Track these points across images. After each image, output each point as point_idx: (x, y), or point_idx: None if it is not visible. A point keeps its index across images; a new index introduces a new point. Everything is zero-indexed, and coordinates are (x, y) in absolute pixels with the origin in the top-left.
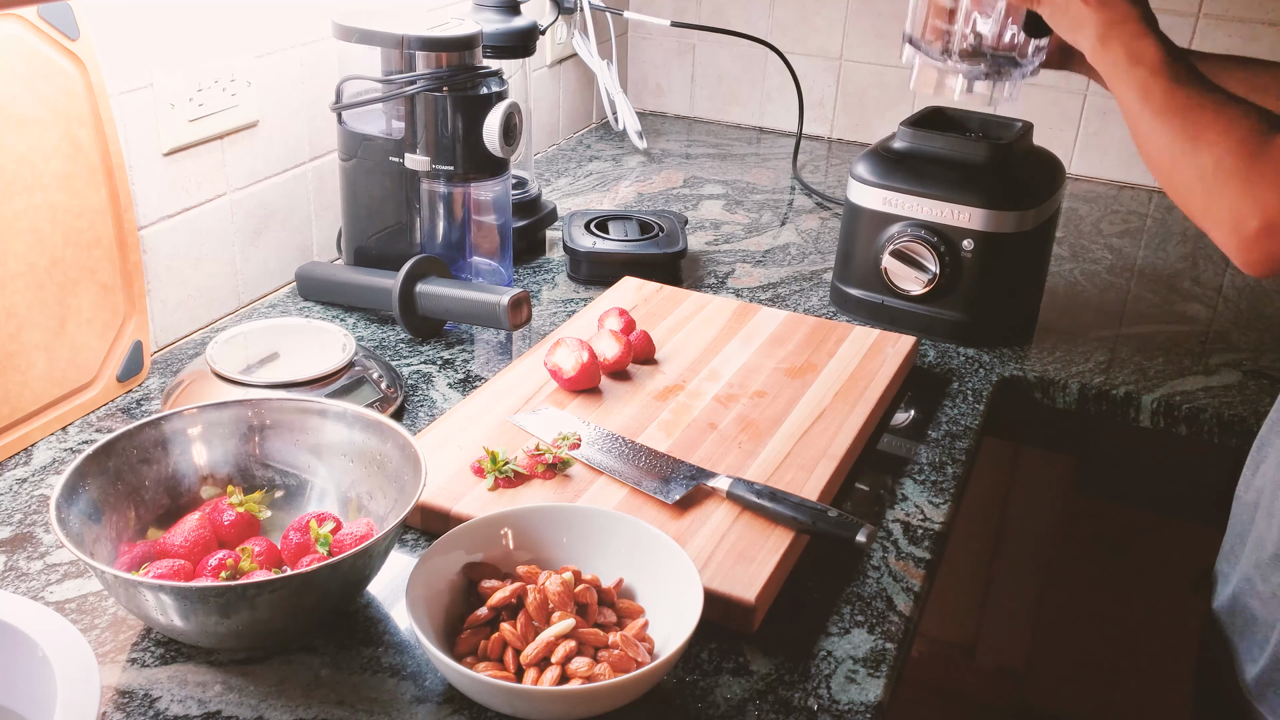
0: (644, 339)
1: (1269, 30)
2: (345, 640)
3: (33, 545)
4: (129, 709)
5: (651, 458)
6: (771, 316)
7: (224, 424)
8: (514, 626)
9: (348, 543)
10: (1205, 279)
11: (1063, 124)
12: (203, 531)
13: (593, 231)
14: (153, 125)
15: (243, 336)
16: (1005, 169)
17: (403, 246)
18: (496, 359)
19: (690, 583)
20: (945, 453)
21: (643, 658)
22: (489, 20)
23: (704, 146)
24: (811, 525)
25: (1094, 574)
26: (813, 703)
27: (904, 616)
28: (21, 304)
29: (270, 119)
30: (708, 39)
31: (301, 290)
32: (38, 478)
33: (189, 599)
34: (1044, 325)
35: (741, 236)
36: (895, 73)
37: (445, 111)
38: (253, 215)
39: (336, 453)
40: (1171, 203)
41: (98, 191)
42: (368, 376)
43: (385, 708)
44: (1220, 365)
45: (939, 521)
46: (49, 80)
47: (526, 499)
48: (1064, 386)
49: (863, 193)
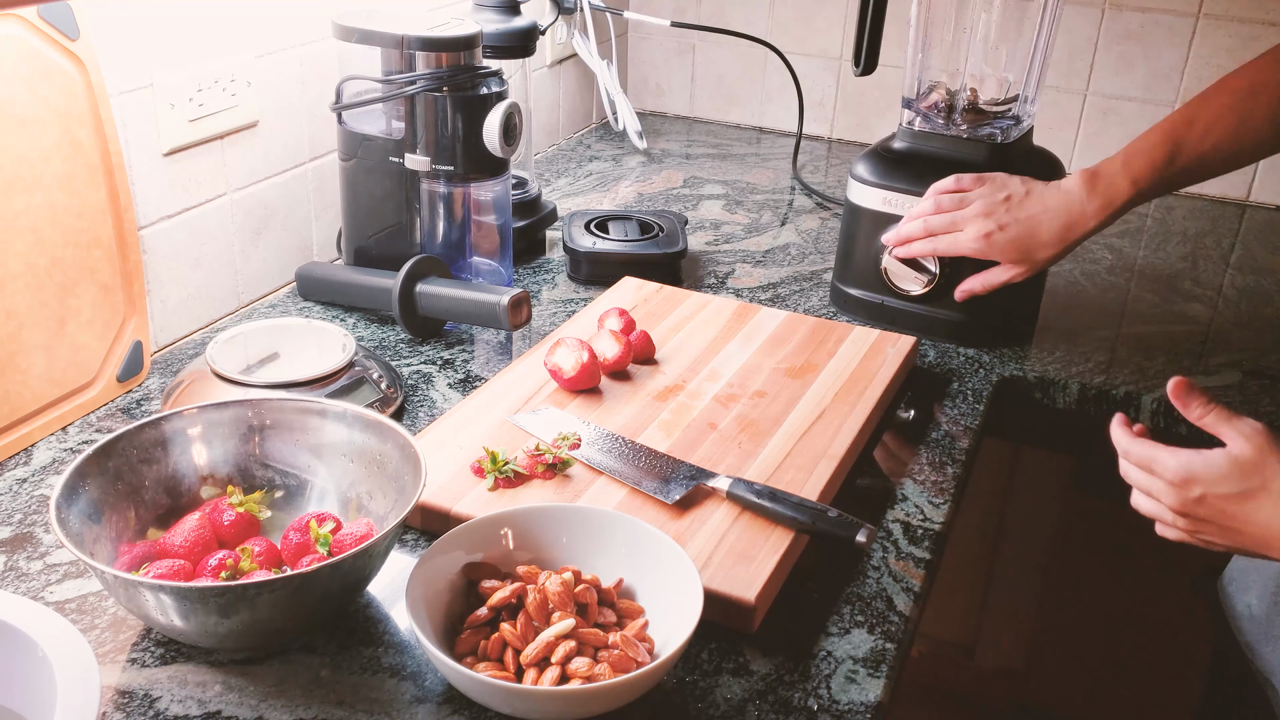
0: (644, 339)
1: (1269, 30)
2: (345, 640)
3: (33, 545)
4: (129, 709)
5: (651, 458)
6: (771, 316)
7: (224, 424)
8: (514, 626)
9: (348, 543)
10: (1205, 279)
11: (1063, 124)
12: (203, 531)
13: (593, 231)
14: (153, 125)
15: (243, 336)
16: (1005, 169)
17: (403, 246)
18: (496, 359)
19: (690, 583)
20: (945, 453)
21: (643, 658)
22: (489, 20)
23: (704, 146)
24: (811, 525)
25: (1094, 574)
26: (813, 703)
27: (904, 616)
28: (21, 304)
29: (270, 119)
30: (708, 39)
31: (301, 290)
32: (38, 478)
33: (189, 599)
34: (1044, 325)
35: (741, 236)
36: (895, 73)
37: (445, 111)
38: (253, 215)
39: (336, 453)
40: (1172, 202)
41: (98, 191)
42: (368, 376)
43: (385, 708)
44: (1220, 365)
45: (939, 521)
46: (49, 80)
47: (526, 499)
48: (1064, 386)
49: (863, 193)
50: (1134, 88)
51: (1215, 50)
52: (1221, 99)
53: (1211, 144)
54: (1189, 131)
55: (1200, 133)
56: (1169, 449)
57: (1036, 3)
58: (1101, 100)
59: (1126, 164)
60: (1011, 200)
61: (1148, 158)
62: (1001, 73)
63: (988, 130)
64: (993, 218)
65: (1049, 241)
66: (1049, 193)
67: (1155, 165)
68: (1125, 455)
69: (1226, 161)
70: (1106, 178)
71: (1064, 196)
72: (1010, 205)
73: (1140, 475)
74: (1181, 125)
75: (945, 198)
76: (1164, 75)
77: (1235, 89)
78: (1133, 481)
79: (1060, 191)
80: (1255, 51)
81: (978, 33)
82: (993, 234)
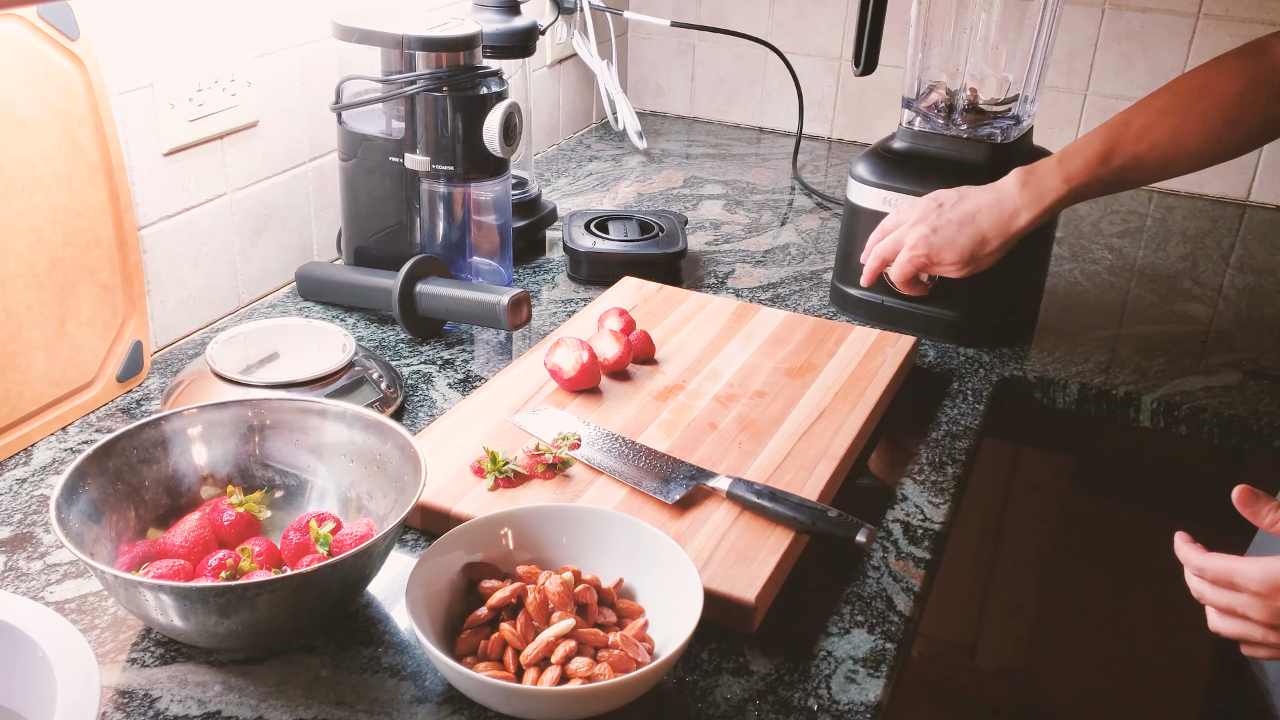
0: (644, 339)
1: (1269, 30)
2: (345, 640)
3: (33, 545)
4: (129, 709)
5: (651, 458)
6: (771, 316)
7: (224, 424)
8: (514, 626)
9: (348, 543)
10: (1205, 279)
11: (1063, 124)
12: (203, 531)
13: (593, 231)
14: (153, 125)
15: (243, 336)
16: (1005, 169)
17: (403, 246)
18: (496, 359)
19: (690, 583)
20: (945, 453)
21: (643, 658)
22: (489, 20)
23: (704, 146)
24: (811, 525)
25: (1094, 574)
26: (813, 703)
27: (904, 616)
28: (21, 304)
29: (270, 119)
30: (708, 39)
31: (301, 290)
32: (38, 478)
33: (189, 599)
34: (1044, 325)
35: (741, 236)
36: (895, 73)
37: (445, 111)
38: (253, 215)
39: (336, 453)
40: (1172, 202)
41: (98, 191)
42: (368, 376)
43: (385, 708)
44: (1220, 365)
45: (939, 521)
46: (49, 80)
47: (526, 499)
48: (1064, 386)
49: (863, 193)
50: (1134, 88)
51: (1215, 50)
52: (1160, 101)
53: (1147, 145)
54: (1125, 131)
55: (1136, 133)
56: (1247, 559)
57: (1036, 3)
58: (1101, 100)
59: (1061, 162)
60: (944, 205)
61: (1082, 156)
62: (1001, 73)
63: (988, 130)
64: (927, 222)
65: (987, 237)
66: (982, 192)
67: (1089, 164)
68: (1200, 573)
69: (1165, 164)
70: (1040, 174)
71: (996, 193)
72: (943, 209)
73: (1218, 593)
74: (1119, 125)
75: (886, 221)
76: (1164, 75)
77: (1175, 91)
78: (1209, 600)
79: (993, 189)
80: None
81: (978, 33)
82: (929, 237)
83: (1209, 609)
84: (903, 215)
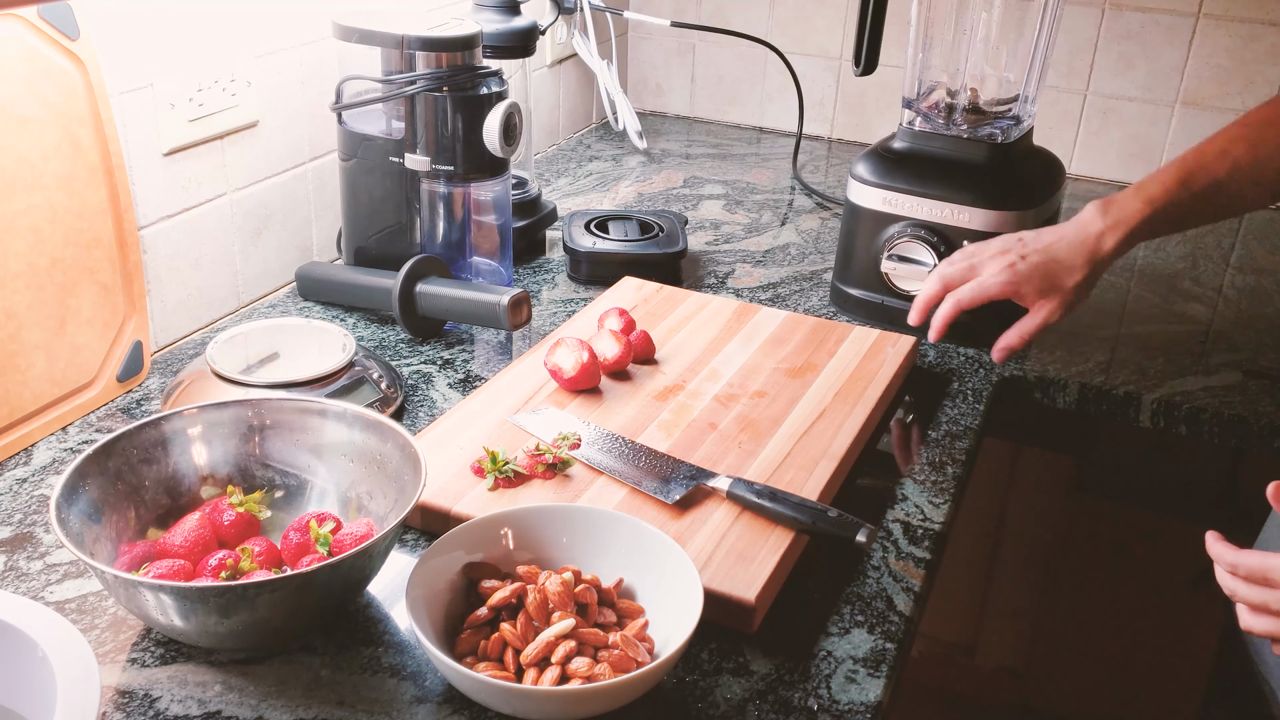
0: (644, 339)
1: (1269, 30)
2: (345, 640)
3: (33, 545)
4: (129, 709)
5: (651, 458)
6: (771, 316)
7: (224, 424)
8: (514, 626)
9: (348, 543)
10: (1205, 279)
11: (1063, 124)
12: (203, 531)
13: (593, 231)
14: (153, 125)
15: (243, 336)
16: (1005, 169)
17: (403, 246)
18: (496, 359)
19: (690, 583)
20: (945, 453)
21: (643, 658)
22: (489, 20)
23: (704, 146)
24: (811, 525)
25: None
26: (813, 703)
27: (904, 616)
28: (21, 304)
29: (270, 119)
30: (708, 39)
31: (301, 290)
32: (38, 478)
33: (189, 599)
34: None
35: (741, 236)
36: (895, 73)
37: (445, 111)
38: (253, 215)
39: (336, 453)
40: None
41: (98, 191)
42: (368, 376)
43: (385, 708)
44: (1220, 365)
45: (939, 521)
46: (49, 80)
47: (526, 499)
48: (1064, 386)
49: (863, 193)
50: (1134, 88)
51: (1215, 50)
52: (1235, 130)
53: (1227, 167)
54: (1202, 156)
55: (1214, 156)
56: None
57: (1036, 3)
58: (1101, 100)
59: (1140, 188)
60: (1025, 238)
61: (1160, 181)
62: (1002, 73)
63: (988, 130)
64: (1012, 252)
65: (1073, 265)
66: (1063, 225)
67: (1168, 187)
68: (1234, 569)
69: (1243, 190)
70: (1119, 201)
71: (1078, 223)
72: (1025, 241)
73: (1251, 590)
74: (1196, 151)
75: (955, 254)
76: (1164, 75)
77: (1249, 122)
78: (1241, 597)
79: (1073, 222)
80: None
81: (978, 33)
82: (1015, 264)
83: (1240, 607)
84: (976, 252)
